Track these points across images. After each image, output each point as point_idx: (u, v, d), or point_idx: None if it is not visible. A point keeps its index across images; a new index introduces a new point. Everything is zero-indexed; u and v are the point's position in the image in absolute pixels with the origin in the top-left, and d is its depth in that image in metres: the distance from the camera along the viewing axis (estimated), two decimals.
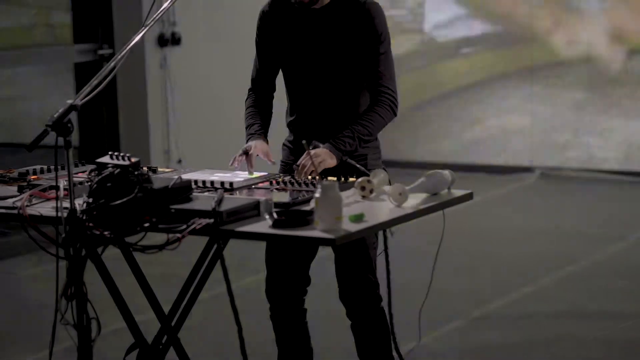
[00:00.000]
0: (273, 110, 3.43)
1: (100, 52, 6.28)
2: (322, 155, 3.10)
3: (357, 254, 3.23)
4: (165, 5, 3.06)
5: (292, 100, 3.35)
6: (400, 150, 8.13)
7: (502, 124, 8.05)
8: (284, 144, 3.41)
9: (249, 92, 3.43)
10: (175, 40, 6.64)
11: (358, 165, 3.15)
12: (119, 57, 2.84)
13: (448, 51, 8.15)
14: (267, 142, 3.29)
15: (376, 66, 3.21)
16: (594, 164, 7.72)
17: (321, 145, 3.15)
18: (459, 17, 8.04)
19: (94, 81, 2.77)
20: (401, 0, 8.14)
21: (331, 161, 3.11)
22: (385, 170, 3.27)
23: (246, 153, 3.20)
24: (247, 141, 3.29)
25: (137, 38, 2.95)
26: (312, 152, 3.09)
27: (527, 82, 7.88)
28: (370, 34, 3.19)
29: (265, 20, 3.33)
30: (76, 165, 3.33)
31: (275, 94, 3.44)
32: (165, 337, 2.97)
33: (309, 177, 3.06)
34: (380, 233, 3.09)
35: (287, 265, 3.33)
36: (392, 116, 3.25)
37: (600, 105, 7.69)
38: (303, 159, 3.10)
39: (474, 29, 8.02)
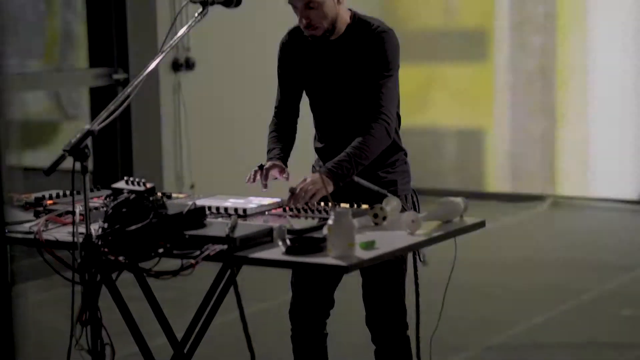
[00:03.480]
0: (299, 135, 3.45)
1: (115, 76, 6.33)
2: (319, 183, 3.10)
3: (386, 280, 3.25)
4: (181, 32, 3.09)
5: (318, 128, 3.39)
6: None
7: (513, 153, 8.06)
8: (313, 166, 3.44)
9: (272, 118, 3.45)
10: (189, 65, 6.69)
11: (372, 185, 3.17)
12: (136, 83, 2.87)
13: None
14: (285, 165, 3.31)
15: (378, 88, 3.21)
16: (604, 193, 7.72)
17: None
18: None
19: (111, 106, 2.81)
20: None
21: (329, 187, 3.11)
22: (415, 194, 3.30)
23: (261, 168, 3.23)
24: None
25: (154, 64, 2.97)
26: (309, 179, 3.10)
27: (540, 112, 7.90)
28: (379, 58, 3.21)
29: (285, 51, 3.36)
30: (91, 190, 3.36)
31: (300, 119, 3.47)
32: None
33: (305, 204, 3.06)
34: (410, 258, 3.17)
35: (312, 289, 3.35)
36: (387, 140, 3.23)
37: (611, 135, 7.70)
38: (301, 184, 3.11)
39: None
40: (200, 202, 3.05)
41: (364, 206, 3.05)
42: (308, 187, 3.08)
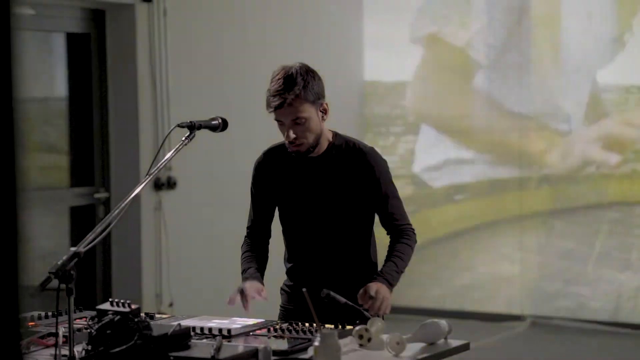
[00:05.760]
0: (270, 253, 3.48)
1: (97, 195, 6.35)
2: (389, 295, 3.18)
3: None
4: (168, 155, 3.16)
5: (290, 248, 3.41)
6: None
7: (492, 272, 8.08)
8: (282, 289, 3.45)
9: (245, 238, 3.49)
10: (170, 184, 6.73)
11: (349, 302, 3.18)
12: (123, 205, 2.91)
13: (439, 197, 8.26)
14: (262, 283, 3.33)
15: (387, 210, 3.32)
16: (584, 314, 7.72)
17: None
18: (450, 163, 8.17)
19: (98, 228, 2.83)
20: (393, 147, 8.29)
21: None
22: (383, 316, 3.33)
23: (241, 292, 3.24)
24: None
25: (140, 187, 3.02)
26: (382, 290, 3.15)
27: (517, 230, 7.96)
28: (374, 181, 3.29)
29: (260, 171, 3.42)
30: (74, 312, 3.33)
31: (271, 239, 3.50)
32: None
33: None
34: None
35: None
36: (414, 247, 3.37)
37: (590, 255, 7.75)
38: (380, 295, 3.14)
39: (464, 176, 8.13)
40: (184, 323, 3.04)
41: (349, 327, 3.06)
42: (385, 302, 3.15)
